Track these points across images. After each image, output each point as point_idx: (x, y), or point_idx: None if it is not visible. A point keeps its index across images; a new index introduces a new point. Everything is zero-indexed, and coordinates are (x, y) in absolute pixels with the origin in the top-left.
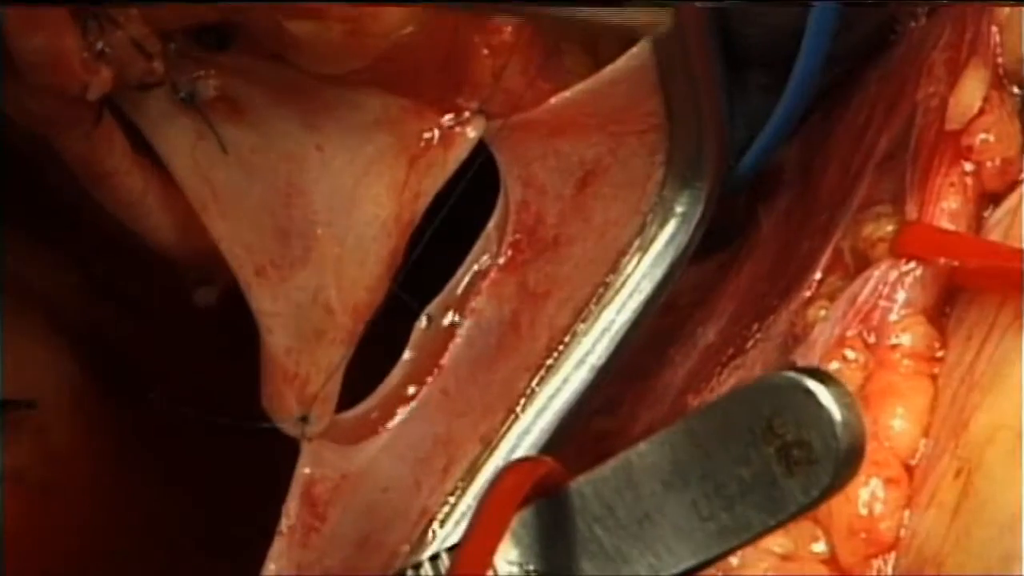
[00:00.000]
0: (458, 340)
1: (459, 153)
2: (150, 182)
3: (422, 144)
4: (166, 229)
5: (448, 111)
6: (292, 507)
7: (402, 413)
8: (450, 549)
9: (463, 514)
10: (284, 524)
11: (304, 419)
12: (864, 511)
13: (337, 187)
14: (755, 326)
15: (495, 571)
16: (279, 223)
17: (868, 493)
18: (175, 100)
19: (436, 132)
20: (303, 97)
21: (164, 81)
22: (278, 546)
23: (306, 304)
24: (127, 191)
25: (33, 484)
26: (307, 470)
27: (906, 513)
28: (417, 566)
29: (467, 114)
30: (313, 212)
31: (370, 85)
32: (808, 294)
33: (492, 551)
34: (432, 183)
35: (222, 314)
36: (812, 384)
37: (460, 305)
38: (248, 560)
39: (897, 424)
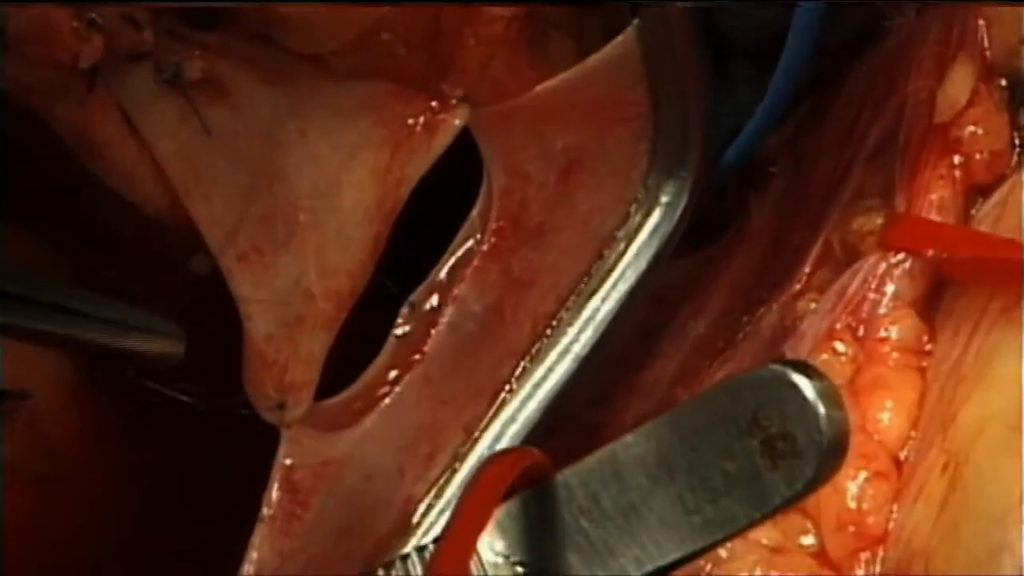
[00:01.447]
0: (441, 327)
1: (443, 140)
2: (144, 151)
3: (406, 130)
4: (159, 198)
5: (433, 98)
6: (272, 494)
7: (385, 400)
8: (437, 540)
9: (448, 502)
10: (265, 511)
11: (281, 406)
12: (853, 504)
13: (320, 172)
14: (745, 319)
15: (480, 561)
16: (261, 208)
17: (857, 487)
18: (160, 81)
19: (420, 118)
20: (289, 80)
21: (153, 52)
22: (260, 534)
23: (287, 290)
24: (121, 160)
25: (28, 475)
26: (286, 457)
27: (894, 507)
28: (404, 557)
29: (452, 101)
30: (296, 197)
31: (356, 71)
32: (798, 287)
33: (473, 542)
34: (416, 169)
35: (218, 306)
36: (797, 377)
37: (443, 292)
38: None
39: (886, 417)
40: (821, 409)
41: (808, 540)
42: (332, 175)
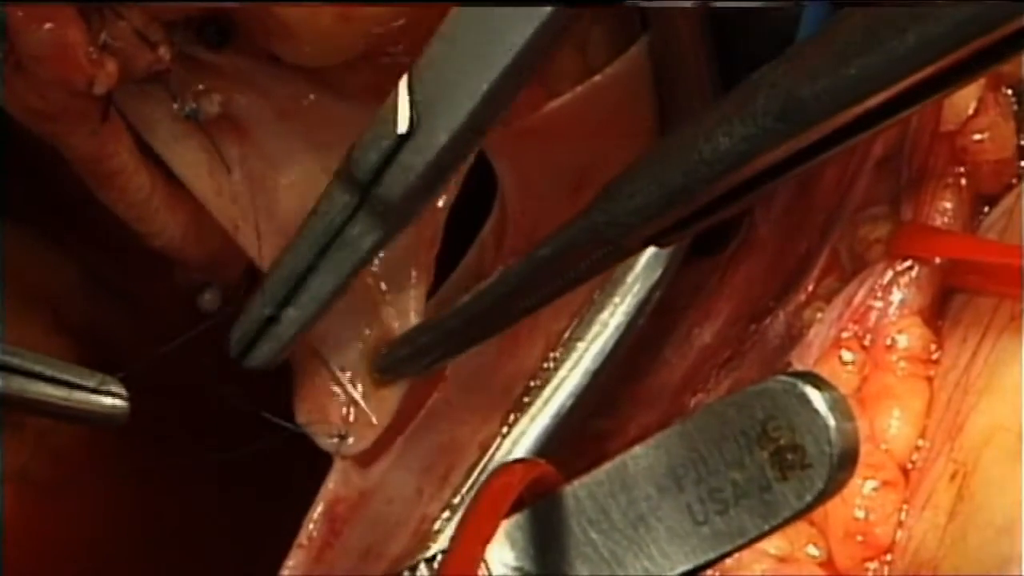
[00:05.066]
0: None
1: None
2: (156, 181)
3: None
4: (173, 229)
5: None
6: (315, 522)
7: (410, 427)
8: (445, 551)
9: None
10: (304, 537)
11: (343, 436)
12: (860, 514)
13: None
14: (751, 327)
15: (489, 573)
16: None
17: (864, 496)
18: (182, 120)
19: None
20: (303, 111)
21: (170, 83)
22: (295, 558)
23: (362, 327)
24: (134, 190)
25: (34, 483)
26: (333, 487)
27: (902, 516)
28: (413, 567)
29: None
30: None
31: (366, 89)
32: (804, 296)
33: (480, 551)
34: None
35: (222, 313)
36: (807, 389)
37: None
38: (249, 560)
39: (893, 427)
40: (831, 421)
41: (815, 550)
42: None
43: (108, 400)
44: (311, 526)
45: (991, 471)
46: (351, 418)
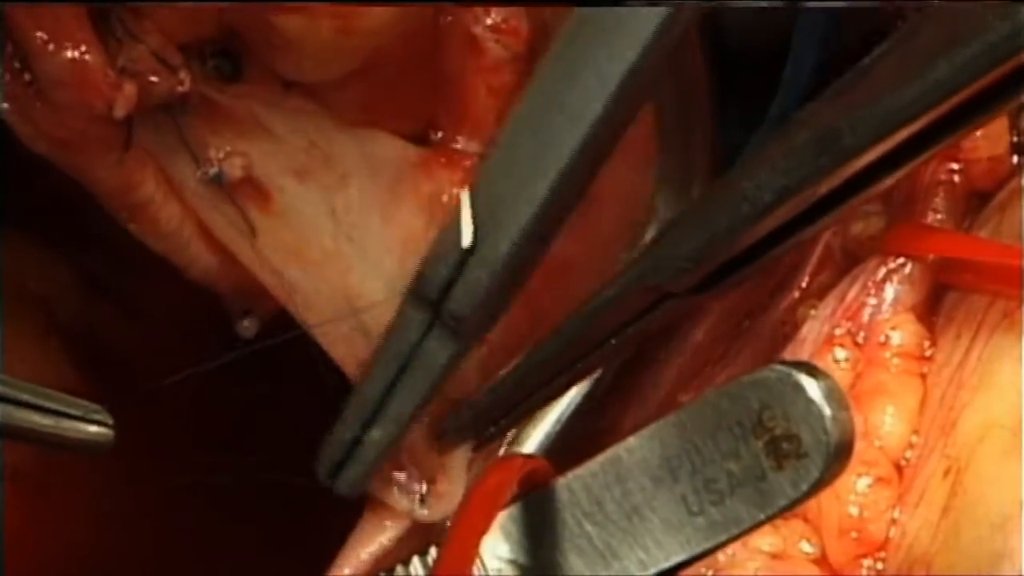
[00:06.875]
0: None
1: None
2: (188, 211)
3: (439, 207)
4: (207, 258)
5: (453, 162)
6: (362, 567)
7: None
8: (439, 544)
9: None
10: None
11: (423, 501)
12: (854, 511)
13: (375, 271)
14: (744, 324)
15: (483, 566)
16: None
17: (858, 493)
18: (208, 183)
19: (452, 190)
20: (319, 166)
21: (193, 92)
22: None
23: None
24: (165, 220)
25: (32, 484)
26: (388, 544)
27: (896, 513)
28: (406, 562)
29: (468, 164)
30: (361, 299)
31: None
32: (797, 292)
33: (476, 545)
34: None
35: (218, 316)
36: (802, 378)
37: None
38: (249, 561)
39: (887, 423)
40: (827, 410)
41: (809, 546)
42: (394, 274)
43: (94, 428)
44: (358, 567)
45: (984, 468)
46: (425, 488)
